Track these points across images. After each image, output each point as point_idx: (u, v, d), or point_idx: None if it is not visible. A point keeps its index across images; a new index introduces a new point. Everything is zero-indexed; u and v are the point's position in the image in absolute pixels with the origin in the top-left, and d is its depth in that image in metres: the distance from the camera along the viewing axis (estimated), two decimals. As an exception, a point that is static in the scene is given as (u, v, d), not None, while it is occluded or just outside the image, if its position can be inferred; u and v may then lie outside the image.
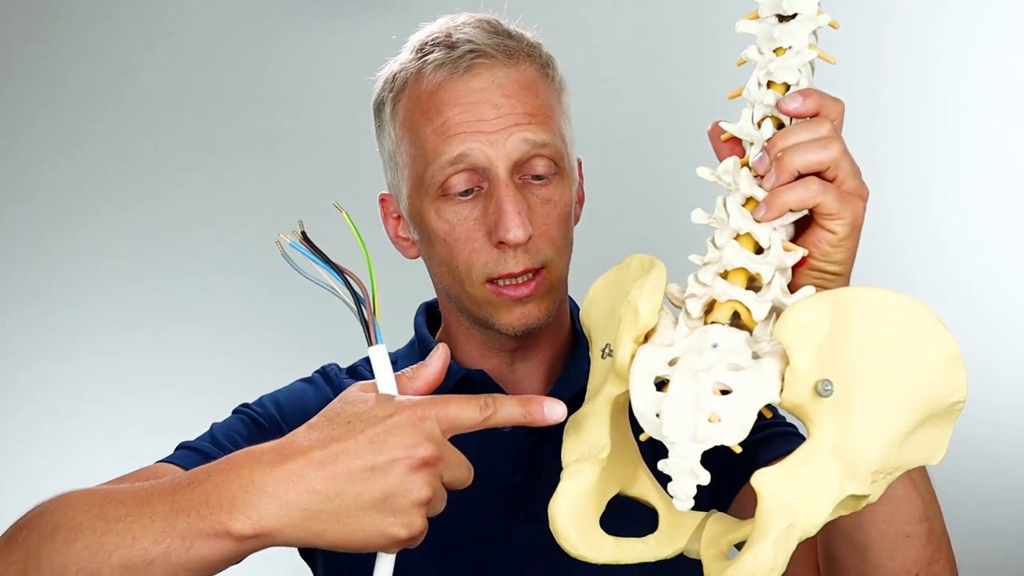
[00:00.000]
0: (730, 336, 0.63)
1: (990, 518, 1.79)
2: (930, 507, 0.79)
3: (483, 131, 0.91)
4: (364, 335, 0.69)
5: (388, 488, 0.62)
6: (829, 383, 0.60)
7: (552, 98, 0.96)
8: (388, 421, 0.63)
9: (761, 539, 0.58)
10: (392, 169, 0.99)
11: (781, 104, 0.69)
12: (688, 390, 0.60)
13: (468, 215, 0.93)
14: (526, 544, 0.95)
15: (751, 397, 0.60)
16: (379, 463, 0.62)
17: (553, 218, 0.94)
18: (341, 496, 0.62)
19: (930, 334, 0.61)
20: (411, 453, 0.63)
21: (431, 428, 0.64)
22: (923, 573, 0.79)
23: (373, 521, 0.63)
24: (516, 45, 0.94)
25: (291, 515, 0.62)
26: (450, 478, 0.65)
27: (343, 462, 0.62)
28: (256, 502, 0.62)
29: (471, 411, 0.65)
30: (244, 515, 0.62)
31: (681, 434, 0.60)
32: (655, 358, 0.64)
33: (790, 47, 0.70)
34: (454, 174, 0.92)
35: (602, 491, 0.68)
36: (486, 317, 0.95)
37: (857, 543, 0.79)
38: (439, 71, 0.93)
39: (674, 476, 0.62)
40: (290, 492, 0.62)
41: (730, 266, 0.66)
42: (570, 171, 0.97)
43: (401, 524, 0.63)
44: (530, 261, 0.92)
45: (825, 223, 0.68)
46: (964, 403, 0.62)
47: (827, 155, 0.66)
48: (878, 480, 0.61)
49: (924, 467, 0.79)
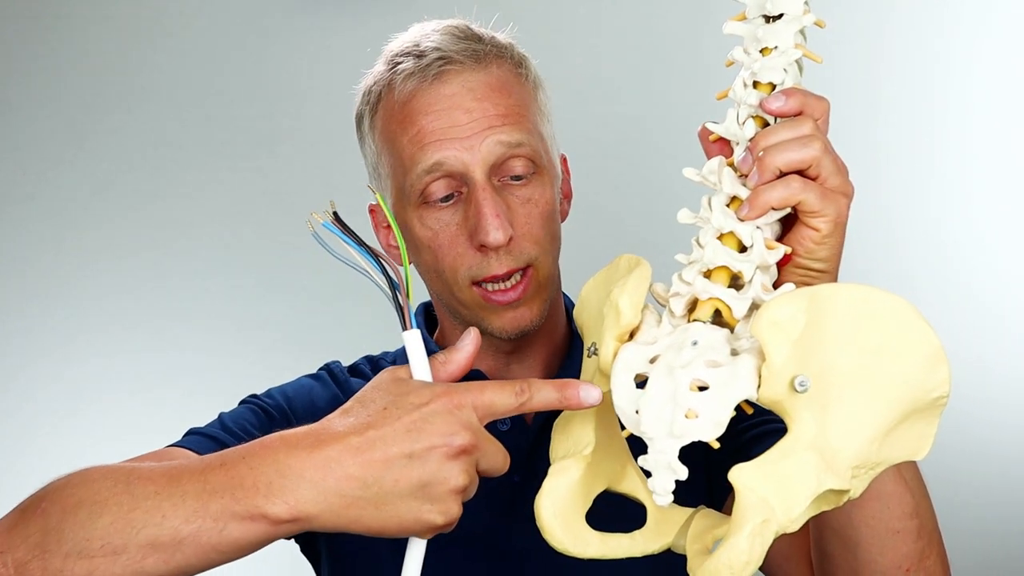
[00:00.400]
0: (710, 333, 0.64)
1: (990, 518, 1.79)
2: (921, 503, 0.79)
3: (457, 137, 0.91)
4: (399, 320, 0.69)
5: (426, 476, 0.62)
6: (806, 379, 0.60)
7: (526, 97, 0.96)
8: (425, 408, 0.63)
9: (736, 533, 0.59)
10: (376, 180, 1.01)
11: (764, 104, 0.69)
12: (665, 387, 0.61)
13: (450, 220, 0.93)
14: (524, 543, 0.95)
15: (727, 393, 0.60)
16: (416, 450, 0.62)
17: (535, 217, 0.94)
18: (379, 483, 0.62)
19: (910, 329, 0.60)
20: (448, 441, 0.62)
21: (468, 416, 0.64)
22: (914, 568, 0.79)
23: (410, 508, 0.63)
24: (484, 48, 0.95)
25: (329, 501, 0.62)
26: (486, 465, 0.65)
27: (380, 449, 0.62)
28: (293, 487, 0.62)
29: (507, 397, 0.65)
30: (282, 499, 0.62)
31: (658, 430, 0.61)
32: (636, 356, 0.65)
33: (776, 47, 0.70)
34: (432, 182, 0.92)
35: (588, 487, 0.69)
36: (478, 322, 0.95)
37: (848, 539, 0.79)
38: (409, 80, 0.93)
39: (653, 471, 0.62)
40: (328, 478, 0.62)
41: (712, 264, 0.67)
42: (551, 168, 0.97)
43: (438, 511, 0.63)
44: (514, 262, 0.93)
45: (808, 221, 0.68)
46: (947, 398, 0.61)
47: (808, 153, 0.67)
48: (859, 475, 0.61)
49: (915, 463, 0.79)
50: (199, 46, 2.07)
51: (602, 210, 1.82)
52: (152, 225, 2.05)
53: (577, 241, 1.00)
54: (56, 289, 2.06)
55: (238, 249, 2.04)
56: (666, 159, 1.93)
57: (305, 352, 2.01)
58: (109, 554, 0.63)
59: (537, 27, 1.01)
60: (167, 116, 2.06)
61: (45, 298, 2.06)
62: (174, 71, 2.07)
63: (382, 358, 1.10)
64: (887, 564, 0.78)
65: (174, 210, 2.05)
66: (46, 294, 2.06)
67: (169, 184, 2.06)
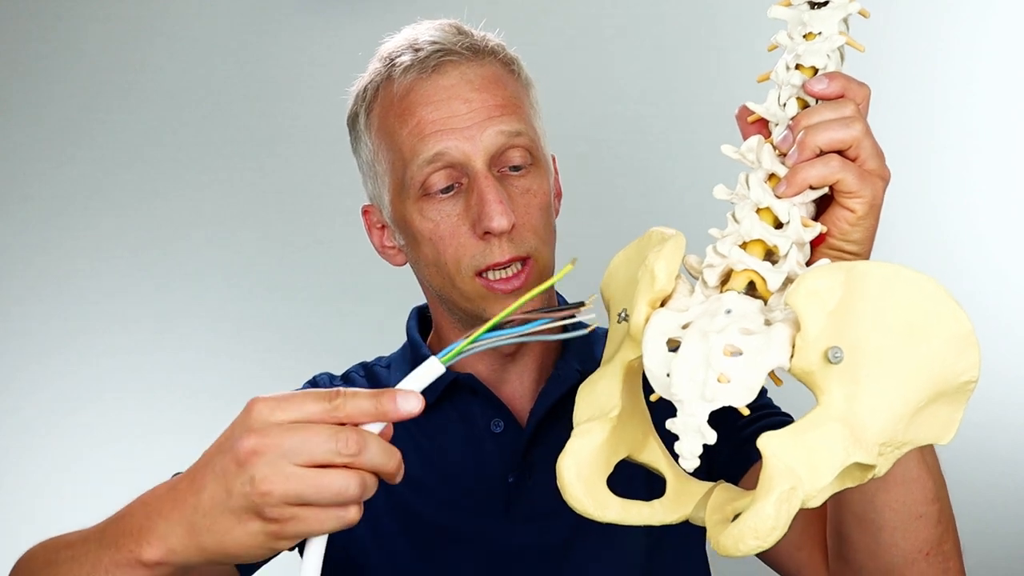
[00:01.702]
0: (744, 303, 0.64)
1: (991, 518, 1.79)
2: (941, 489, 0.80)
3: (457, 127, 0.92)
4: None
5: (228, 487, 0.61)
6: (839, 350, 0.60)
7: (520, 92, 0.97)
8: (232, 425, 0.64)
9: (763, 499, 0.59)
10: (372, 179, 1.01)
11: (807, 86, 0.70)
12: (699, 350, 0.61)
13: (451, 211, 0.93)
14: (520, 544, 0.96)
15: (761, 359, 0.61)
16: (218, 468, 0.62)
17: (534, 207, 0.95)
18: (201, 506, 0.63)
19: (943, 311, 0.61)
20: (235, 449, 0.61)
21: (259, 418, 0.62)
22: (933, 552, 0.80)
23: (232, 524, 0.62)
24: (480, 43, 0.96)
25: (178, 532, 0.63)
26: (302, 459, 0.60)
27: (200, 473, 0.64)
28: (154, 525, 0.64)
29: (317, 403, 0.62)
30: (147, 541, 0.64)
31: (690, 392, 0.61)
32: (669, 321, 0.65)
33: (820, 33, 0.71)
34: (433, 172, 0.93)
35: (611, 451, 0.68)
36: (479, 312, 0.95)
37: (871, 523, 0.80)
38: (408, 74, 0.94)
39: (681, 435, 0.62)
40: (174, 511, 0.64)
41: (748, 237, 0.68)
42: (545, 162, 0.99)
43: (258, 520, 0.61)
44: (515, 250, 0.93)
45: (844, 201, 0.68)
46: (975, 383, 0.62)
47: (849, 133, 0.67)
48: (886, 453, 0.61)
49: (934, 449, 0.80)
50: (199, 46, 2.07)
51: (603, 210, 1.82)
52: (152, 225, 2.05)
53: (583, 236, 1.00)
54: (56, 289, 2.06)
55: (238, 249, 2.04)
56: (665, 160, 1.94)
57: (304, 352, 2.01)
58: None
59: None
60: (166, 116, 2.06)
61: (45, 298, 2.06)
62: (174, 71, 2.07)
63: (376, 363, 1.10)
64: (908, 548, 0.79)
65: (173, 210, 2.05)
66: (46, 294, 2.06)
67: (168, 184, 2.06)
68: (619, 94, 1.95)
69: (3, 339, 2.06)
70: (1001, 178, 1.89)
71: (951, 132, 1.91)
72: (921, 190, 1.88)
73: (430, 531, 0.98)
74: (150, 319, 2.04)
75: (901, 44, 1.92)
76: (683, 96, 1.93)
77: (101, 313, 2.05)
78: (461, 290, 0.95)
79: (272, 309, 2.03)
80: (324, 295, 2.01)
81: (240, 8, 2.06)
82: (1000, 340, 1.85)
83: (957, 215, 1.90)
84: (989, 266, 1.88)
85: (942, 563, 0.80)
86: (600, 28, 1.97)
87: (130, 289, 2.05)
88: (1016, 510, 1.83)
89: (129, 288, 2.05)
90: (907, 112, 1.90)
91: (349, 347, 1.23)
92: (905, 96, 1.90)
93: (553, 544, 0.97)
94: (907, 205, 1.88)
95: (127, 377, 2.03)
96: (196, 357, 2.03)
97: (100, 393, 2.03)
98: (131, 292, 2.05)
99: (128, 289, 2.05)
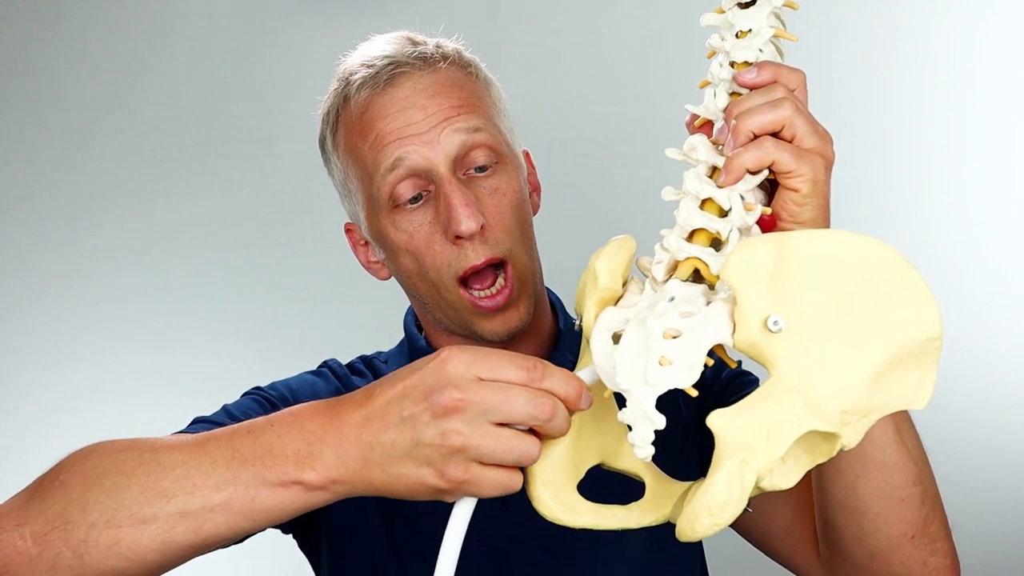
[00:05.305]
0: (686, 289, 0.65)
1: (990, 518, 1.79)
2: (923, 471, 0.79)
3: (415, 134, 0.92)
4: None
5: (416, 436, 0.62)
6: (779, 317, 0.60)
7: (479, 91, 0.97)
8: (419, 371, 0.63)
9: (713, 474, 0.59)
10: (347, 198, 1.02)
11: (738, 78, 0.71)
12: (638, 337, 0.61)
13: (423, 220, 0.94)
14: (516, 534, 0.96)
15: (699, 337, 0.60)
16: (407, 413, 0.62)
17: (504, 207, 0.94)
18: (381, 445, 0.63)
19: (892, 271, 0.60)
20: (432, 400, 0.62)
21: (456, 372, 0.62)
22: (919, 535, 0.80)
23: (409, 470, 0.63)
24: (431, 51, 0.96)
25: (348, 465, 0.63)
26: (500, 418, 0.61)
27: (379, 412, 0.63)
28: (319, 453, 0.63)
29: (515, 370, 0.62)
30: (310, 466, 0.63)
31: (633, 380, 0.61)
32: (615, 317, 0.65)
33: (750, 29, 0.72)
34: (397, 182, 0.93)
35: (578, 457, 0.68)
36: (468, 326, 0.95)
37: (853, 509, 0.80)
38: (362, 90, 0.95)
39: (632, 424, 0.62)
40: (343, 443, 0.63)
41: (690, 227, 0.68)
42: (513, 158, 0.98)
43: (435, 472, 0.62)
44: (490, 251, 0.93)
45: (787, 182, 0.69)
46: (939, 340, 0.60)
47: (779, 114, 0.68)
48: (851, 422, 0.60)
49: (916, 432, 0.80)
50: (199, 46, 2.07)
51: (605, 210, 1.82)
52: (152, 225, 2.06)
53: (577, 239, 1.00)
54: (56, 289, 2.06)
55: (238, 249, 2.04)
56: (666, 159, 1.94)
57: (303, 352, 2.01)
58: (137, 524, 0.64)
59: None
60: (167, 116, 2.06)
61: (45, 298, 2.06)
62: (174, 71, 2.07)
63: (375, 357, 1.10)
64: (892, 532, 0.79)
65: (174, 210, 2.05)
66: (46, 294, 2.06)
67: (169, 184, 2.06)
68: (619, 94, 1.95)
69: (3, 339, 2.06)
70: (1001, 178, 1.89)
71: (951, 132, 1.91)
72: (921, 190, 1.88)
73: (427, 521, 0.98)
74: (150, 319, 2.04)
75: (901, 44, 1.92)
76: (683, 97, 1.93)
77: (101, 313, 2.05)
78: (448, 300, 0.95)
79: (272, 309, 2.03)
80: (324, 295, 2.01)
81: (240, 8, 2.06)
82: (1000, 340, 1.85)
83: (957, 215, 1.90)
84: (989, 266, 1.88)
85: (928, 545, 0.80)
86: (600, 28, 1.97)
87: (130, 289, 2.05)
88: (1016, 510, 1.83)
89: (129, 288, 2.05)
90: (907, 112, 1.90)
91: (349, 347, 1.23)
92: (905, 96, 1.90)
93: (550, 535, 0.97)
94: (907, 205, 1.88)
95: (127, 377, 2.03)
96: (196, 357, 2.03)
97: (100, 393, 2.03)
98: (131, 292, 2.05)
99: (128, 289, 2.05)
